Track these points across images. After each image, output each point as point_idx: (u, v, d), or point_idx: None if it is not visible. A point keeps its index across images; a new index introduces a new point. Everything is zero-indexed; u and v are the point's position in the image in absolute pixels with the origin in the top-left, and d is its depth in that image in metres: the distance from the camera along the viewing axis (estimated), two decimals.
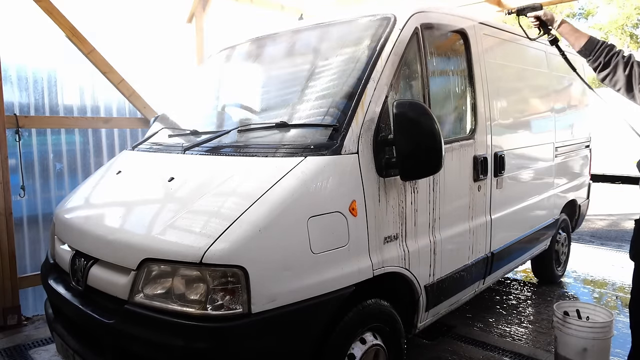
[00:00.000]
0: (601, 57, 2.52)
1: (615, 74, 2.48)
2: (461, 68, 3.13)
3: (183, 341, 1.83)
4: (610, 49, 2.52)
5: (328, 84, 2.53)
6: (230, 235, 1.88)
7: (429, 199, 2.71)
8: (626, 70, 2.44)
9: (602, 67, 2.51)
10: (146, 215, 2.30)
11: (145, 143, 3.11)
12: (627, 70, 2.44)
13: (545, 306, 4.38)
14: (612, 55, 2.49)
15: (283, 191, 2.02)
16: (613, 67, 2.48)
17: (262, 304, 1.88)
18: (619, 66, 2.46)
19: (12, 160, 4.06)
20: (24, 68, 4.42)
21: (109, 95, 4.88)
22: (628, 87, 2.45)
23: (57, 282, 2.54)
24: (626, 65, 2.45)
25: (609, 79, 2.51)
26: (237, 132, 2.62)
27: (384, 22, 2.60)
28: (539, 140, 4.10)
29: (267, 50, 3.26)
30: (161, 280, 1.97)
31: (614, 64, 2.48)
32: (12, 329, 3.93)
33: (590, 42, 2.57)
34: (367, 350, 2.34)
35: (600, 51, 2.53)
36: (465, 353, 3.45)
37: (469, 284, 3.16)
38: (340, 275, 2.14)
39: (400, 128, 2.20)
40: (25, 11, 4.35)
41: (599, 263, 5.82)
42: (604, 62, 2.50)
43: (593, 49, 2.55)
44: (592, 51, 2.55)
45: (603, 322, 2.99)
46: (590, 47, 2.56)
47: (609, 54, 2.50)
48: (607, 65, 2.50)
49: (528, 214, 3.97)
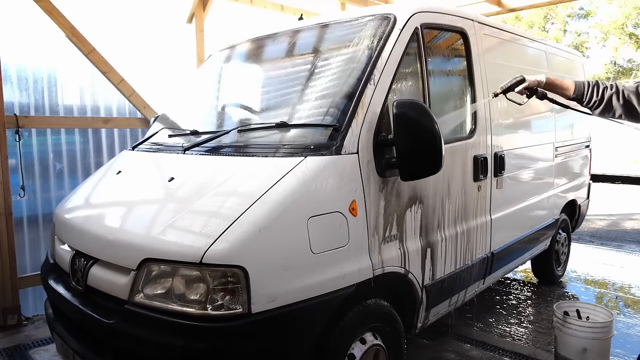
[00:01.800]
0: (594, 96, 2.59)
1: (611, 106, 2.55)
2: (461, 68, 3.13)
3: (183, 341, 1.83)
4: (598, 86, 2.59)
5: (328, 84, 2.53)
6: (230, 235, 1.88)
7: (429, 199, 2.71)
8: (620, 100, 2.52)
9: (598, 104, 2.59)
10: (146, 215, 2.30)
11: (145, 143, 3.11)
12: (621, 99, 2.52)
13: (545, 306, 4.38)
14: (603, 90, 2.57)
15: (283, 191, 2.02)
16: (607, 99, 2.55)
17: (262, 304, 1.88)
18: (613, 97, 2.54)
19: (12, 160, 4.06)
20: (24, 68, 4.42)
21: (109, 95, 4.88)
22: (629, 113, 2.53)
23: (57, 282, 2.54)
24: (617, 94, 2.53)
25: (606, 111, 2.58)
26: (237, 132, 2.62)
27: (384, 22, 2.60)
28: (539, 140, 4.10)
29: (267, 50, 3.26)
30: (161, 280, 1.97)
31: (607, 97, 2.55)
32: (12, 329, 3.93)
33: (577, 86, 2.63)
34: (367, 350, 2.33)
35: (591, 91, 2.60)
36: (465, 353, 3.45)
37: (469, 284, 3.16)
38: (340, 275, 2.14)
39: (400, 128, 2.20)
40: (25, 11, 4.35)
41: (599, 263, 5.82)
42: (599, 99, 2.57)
43: (583, 92, 2.62)
44: (583, 94, 2.62)
45: (603, 322, 2.99)
46: (579, 91, 2.63)
47: (599, 91, 2.58)
48: (601, 101, 2.57)
49: (528, 214, 3.97)
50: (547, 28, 29.96)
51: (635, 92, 2.47)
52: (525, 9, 8.00)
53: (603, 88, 2.56)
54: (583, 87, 2.61)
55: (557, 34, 29.42)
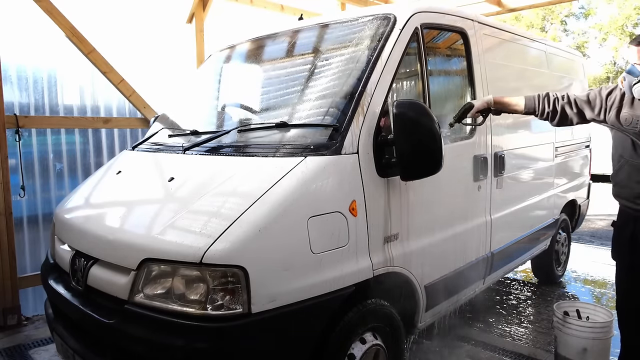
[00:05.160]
0: (546, 107, 2.65)
1: (567, 115, 2.62)
2: (461, 68, 3.13)
3: (183, 341, 1.83)
4: (548, 98, 2.65)
5: (328, 84, 2.53)
6: (230, 235, 1.88)
7: (429, 199, 2.71)
8: (574, 108, 2.59)
9: (552, 115, 2.65)
10: (146, 215, 2.30)
11: (145, 143, 3.11)
12: (574, 107, 2.59)
13: (545, 306, 4.38)
14: (554, 102, 2.63)
15: (283, 191, 2.02)
16: (561, 110, 2.62)
17: (262, 304, 1.88)
18: (565, 107, 2.60)
19: (12, 160, 4.06)
20: (24, 68, 4.42)
21: (109, 95, 4.88)
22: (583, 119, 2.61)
23: (57, 282, 2.54)
24: (570, 103, 2.60)
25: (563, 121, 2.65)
26: (237, 132, 2.62)
27: (384, 22, 2.60)
28: (539, 140, 4.10)
29: (267, 50, 3.26)
30: (161, 280, 1.97)
31: (560, 108, 2.62)
32: (12, 329, 3.93)
33: (528, 99, 2.70)
34: (367, 350, 2.33)
35: (542, 102, 2.66)
36: (466, 353, 3.44)
37: (469, 283, 3.16)
38: (340, 275, 2.14)
39: (400, 128, 2.20)
40: (25, 11, 4.35)
41: (599, 263, 5.82)
42: (551, 110, 2.63)
43: (534, 105, 2.68)
44: (535, 107, 2.69)
45: (603, 322, 2.99)
46: (530, 104, 2.69)
47: (550, 102, 2.64)
48: (555, 112, 2.63)
49: (528, 214, 3.97)
50: (547, 28, 29.96)
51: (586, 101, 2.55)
52: (525, 9, 8.00)
53: (554, 99, 2.63)
54: (533, 101, 2.68)
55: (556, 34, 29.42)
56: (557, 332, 3.08)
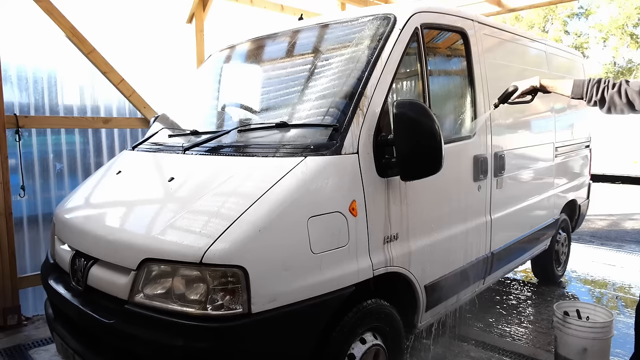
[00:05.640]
0: (594, 95, 2.57)
1: (615, 105, 2.53)
2: (461, 68, 3.13)
3: (183, 341, 1.83)
4: (598, 85, 2.57)
5: (328, 84, 2.53)
6: (230, 235, 1.88)
7: (429, 199, 2.71)
8: (622, 98, 2.50)
9: (600, 103, 2.57)
10: (146, 215, 2.30)
11: (145, 143, 3.11)
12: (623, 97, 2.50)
13: (545, 306, 4.38)
14: (603, 90, 2.55)
15: (283, 191, 2.02)
16: (610, 99, 2.54)
17: (262, 304, 1.88)
18: (614, 97, 2.52)
19: (12, 160, 4.06)
20: (24, 68, 4.42)
21: (109, 95, 4.88)
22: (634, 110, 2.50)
23: (57, 282, 2.54)
24: (619, 93, 2.51)
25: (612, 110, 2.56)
26: (237, 132, 2.62)
27: (384, 22, 2.60)
28: (539, 140, 4.10)
29: (267, 50, 3.26)
30: (161, 280, 1.97)
31: (609, 97, 2.54)
32: (12, 329, 3.93)
33: (576, 86, 2.62)
34: (367, 350, 2.33)
35: (590, 90, 2.58)
36: (466, 353, 3.45)
37: (469, 283, 3.16)
38: (340, 276, 2.14)
39: (400, 128, 2.20)
40: (25, 11, 4.35)
41: (599, 263, 5.82)
42: (599, 99, 2.56)
43: (582, 91, 2.61)
44: (583, 93, 2.61)
45: (603, 322, 2.99)
46: (578, 90, 2.62)
47: (599, 90, 2.56)
48: (603, 101, 2.55)
49: (528, 214, 3.97)
50: (547, 28, 29.96)
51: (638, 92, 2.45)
52: (525, 9, 8.00)
53: (603, 87, 2.54)
54: (581, 86, 2.60)
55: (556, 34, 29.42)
56: (557, 332, 3.08)
